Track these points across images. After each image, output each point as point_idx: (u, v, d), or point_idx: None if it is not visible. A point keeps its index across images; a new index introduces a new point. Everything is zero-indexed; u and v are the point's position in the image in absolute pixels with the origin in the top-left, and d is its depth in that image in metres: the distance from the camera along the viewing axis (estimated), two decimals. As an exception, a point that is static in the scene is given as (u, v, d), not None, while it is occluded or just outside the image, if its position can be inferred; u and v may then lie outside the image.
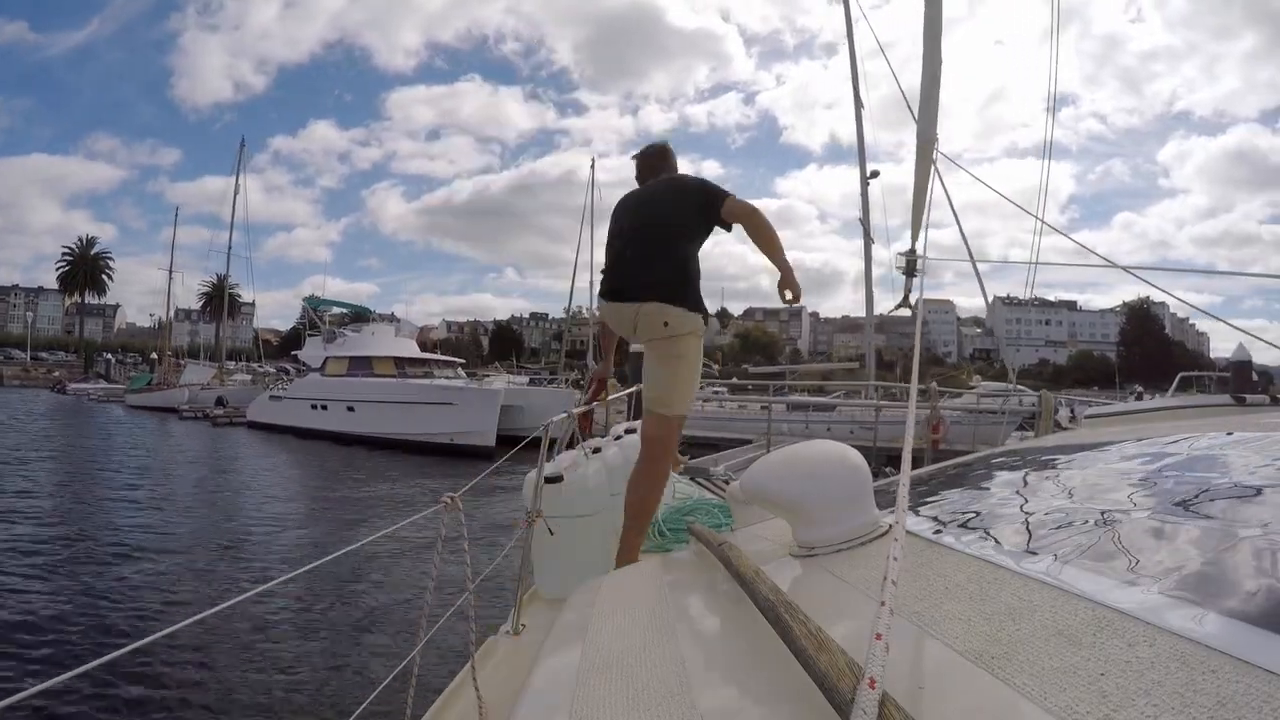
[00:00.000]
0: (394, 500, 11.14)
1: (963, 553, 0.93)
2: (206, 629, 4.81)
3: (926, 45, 2.69)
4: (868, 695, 0.52)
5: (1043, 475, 1.40)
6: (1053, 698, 0.54)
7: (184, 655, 4.57)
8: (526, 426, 17.44)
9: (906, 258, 3.19)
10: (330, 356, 22.46)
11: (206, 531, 8.48)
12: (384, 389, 19.92)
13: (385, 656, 4.76)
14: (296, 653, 4.81)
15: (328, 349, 23.04)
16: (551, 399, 18.64)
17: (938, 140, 2.90)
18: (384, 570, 6.84)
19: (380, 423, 19.10)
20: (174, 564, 6.94)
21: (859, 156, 15.05)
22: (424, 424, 18.08)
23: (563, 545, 2.22)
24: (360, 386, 20.49)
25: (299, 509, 10.64)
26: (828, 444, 1.24)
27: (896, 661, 0.59)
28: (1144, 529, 0.86)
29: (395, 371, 21.29)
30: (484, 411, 17.55)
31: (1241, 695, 0.48)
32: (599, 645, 1.00)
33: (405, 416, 18.56)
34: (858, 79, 14.97)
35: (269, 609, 5.38)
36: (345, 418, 20.19)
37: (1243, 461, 1.06)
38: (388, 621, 5.50)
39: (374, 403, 19.66)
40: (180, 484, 12.59)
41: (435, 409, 18.24)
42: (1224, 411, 1.81)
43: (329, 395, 21.12)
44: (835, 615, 0.83)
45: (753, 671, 0.80)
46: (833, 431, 12.86)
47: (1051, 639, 0.63)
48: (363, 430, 19.35)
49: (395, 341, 24.54)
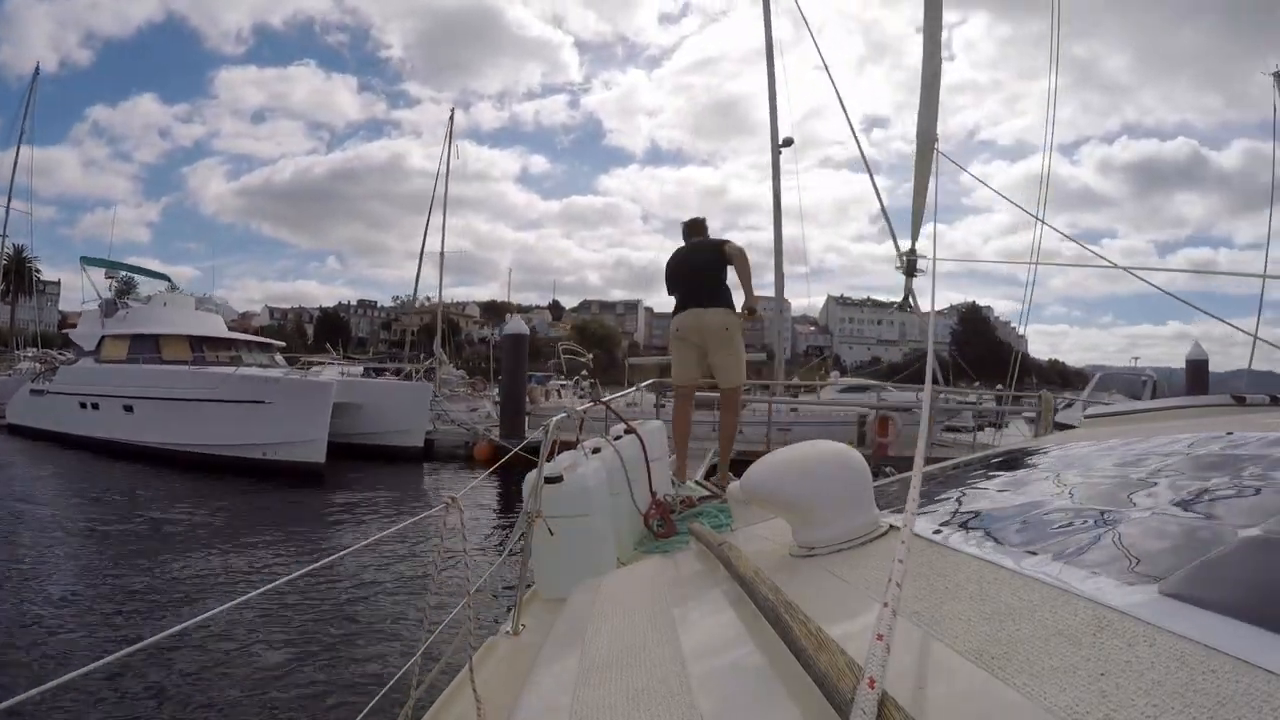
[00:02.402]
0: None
1: (963, 553, 0.93)
2: (207, 631, 4.81)
3: (926, 45, 2.69)
4: (867, 695, 0.52)
5: (1043, 475, 1.40)
6: (1053, 698, 0.54)
7: (185, 658, 4.57)
8: (369, 432, 14.47)
9: (906, 257, 3.18)
10: (108, 335, 16.19)
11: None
12: (170, 380, 14.03)
13: (386, 658, 4.77)
14: (297, 655, 4.80)
15: (106, 325, 16.56)
16: (402, 397, 14.98)
17: (938, 140, 2.91)
18: (384, 572, 6.83)
19: (166, 428, 13.69)
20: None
21: (771, 125, 14.53)
22: (225, 431, 12.94)
23: (563, 545, 2.23)
24: (139, 376, 14.50)
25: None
26: (828, 444, 1.24)
27: (896, 661, 0.59)
28: (1144, 529, 0.86)
29: (189, 356, 15.09)
30: (309, 413, 12.32)
31: (1241, 695, 0.48)
32: (599, 645, 1.00)
33: (200, 420, 13.22)
34: (772, 54, 14.60)
35: (269, 611, 5.38)
36: (121, 420, 14.53)
37: (1242, 461, 1.06)
38: (388, 623, 5.51)
39: (157, 399, 13.93)
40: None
41: (241, 410, 12.86)
42: (1224, 411, 1.81)
43: (101, 389, 15.21)
44: (835, 615, 0.83)
45: (753, 671, 0.80)
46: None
47: (1051, 639, 0.63)
48: (144, 438, 13.94)
49: (195, 317, 17.98)
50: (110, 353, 15.90)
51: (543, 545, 2.16)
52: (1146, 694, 0.51)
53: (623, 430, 3.25)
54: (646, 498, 2.95)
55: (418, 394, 15.25)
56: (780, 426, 11.96)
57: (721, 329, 3.97)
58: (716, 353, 4.01)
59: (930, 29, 2.64)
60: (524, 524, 2.07)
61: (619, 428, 3.31)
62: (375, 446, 14.40)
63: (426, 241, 25.48)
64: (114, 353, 15.80)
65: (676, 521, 2.81)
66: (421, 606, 5.64)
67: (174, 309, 17.89)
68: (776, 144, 14.46)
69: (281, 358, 17.68)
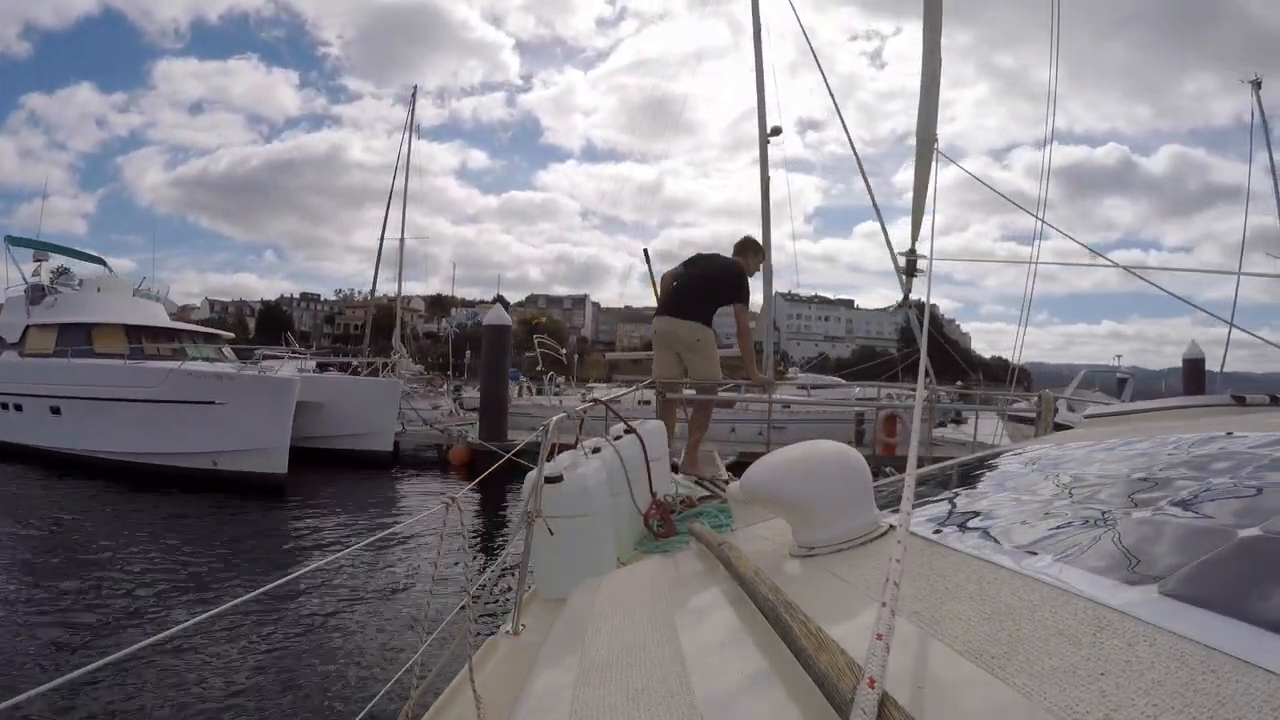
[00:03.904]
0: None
1: (963, 553, 0.93)
2: (208, 632, 4.81)
3: (926, 45, 2.69)
4: (867, 695, 0.52)
5: (1043, 475, 1.40)
6: (1053, 698, 0.54)
7: (185, 659, 4.57)
8: (331, 435, 13.06)
9: (907, 257, 3.18)
10: (33, 325, 14.26)
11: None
12: (103, 376, 12.22)
13: (385, 657, 4.77)
14: (297, 655, 4.81)
15: (32, 313, 14.63)
16: (369, 395, 13.55)
17: (937, 140, 2.91)
18: (383, 572, 6.84)
19: (98, 433, 11.92)
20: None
21: (759, 115, 14.38)
22: (167, 436, 11.22)
23: (563, 545, 2.22)
24: (68, 372, 12.67)
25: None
26: (828, 444, 1.24)
27: (896, 661, 0.59)
28: (1144, 529, 0.86)
29: (125, 348, 13.12)
30: (269, 415, 10.70)
31: (1241, 695, 0.48)
32: (599, 645, 1.00)
33: (138, 423, 11.45)
34: (760, 45, 14.56)
35: (270, 612, 5.38)
36: (47, 424, 12.76)
37: (1242, 461, 1.06)
38: (388, 623, 5.51)
39: (90, 400, 12.14)
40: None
41: (187, 411, 11.08)
42: (1224, 411, 1.81)
43: (25, 387, 13.28)
44: (835, 615, 0.83)
45: (753, 671, 0.80)
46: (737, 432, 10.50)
47: (1051, 639, 0.63)
48: (73, 445, 12.27)
49: (132, 304, 15.78)
50: (36, 345, 13.90)
51: (543, 545, 2.16)
52: (1146, 694, 0.51)
53: (623, 430, 3.25)
54: (646, 498, 2.95)
55: (387, 391, 13.72)
56: (775, 425, 11.76)
57: (693, 339, 4.52)
58: (688, 357, 4.58)
59: (930, 31, 2.65)
60: (524, 524, 2.07)
61: (619, 427, 3.31)
62: (338, 451, 12.94)
63: (386, 230, 24.10)
64: (40, 345, 13.80)
65: (676, 521, 2.81)
66: (421, 606, 5.65)
67: (109, 295, 15.63)
68: (765, 134, 14.26)
69: (230, 351, 15.62)
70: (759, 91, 14.47)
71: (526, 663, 1.36)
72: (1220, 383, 13.12)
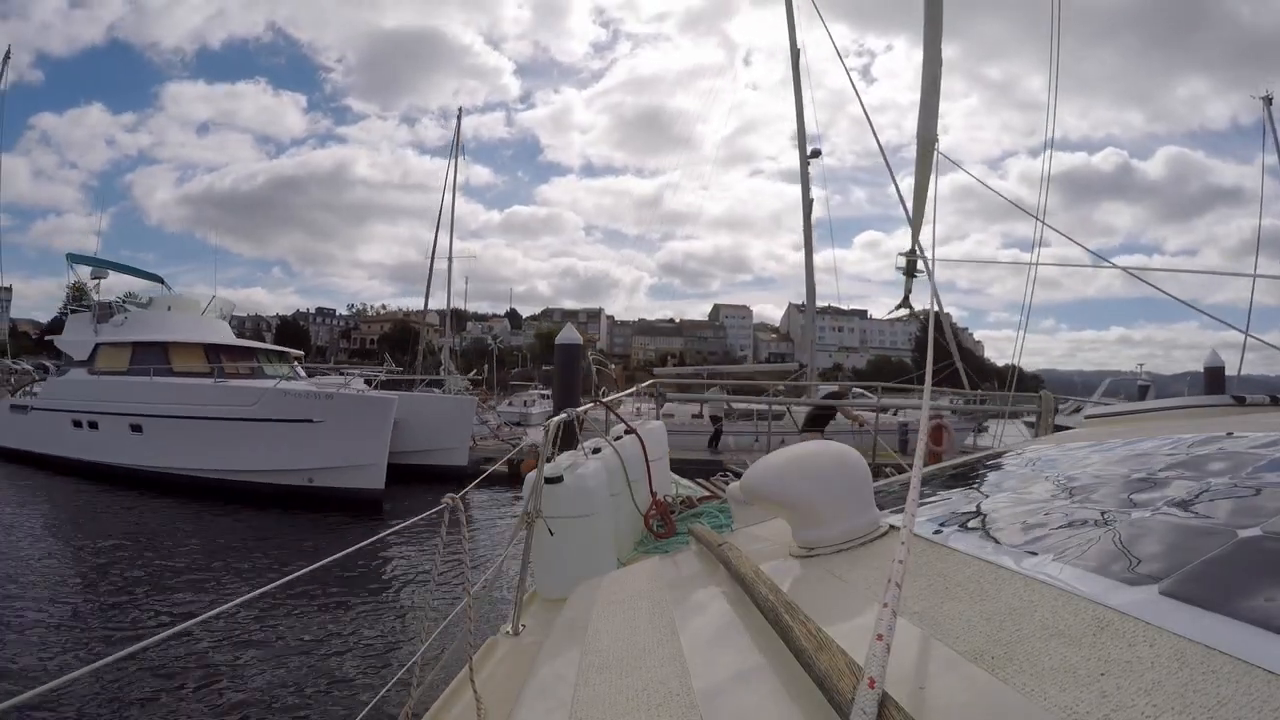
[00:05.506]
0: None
1: (963, 553, 0.93)
2: (209, 633, 4.81)
3: (927, 47, 2.69)
4: (867, 695, 0.52)
5: (1043, 475, 1.40)
6: (1053, 698, 0.54)
7: (185, 659, 4.57)
8: (412, 450, 13.04)
9: (907, 258, 3.18)
10: (104, 343, 14.10)
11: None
12: (191, 395, 12.24)
13: (386, 657, 4.77)
14: (298, 655, 4.81)
15: (100, 331, 14.50)
16: (447, 411, 13.92)
17: (938, 140, 2.91)
18: (384, 572, 6.84)
19: (185, 451, 11.78)
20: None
21: (799, 137, 15.21)
22: (262, 454, 11.26)
23: (563, 545, 2.23)
24: (151, 391, 12.56)
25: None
26: (828, 444, 1.24)
27: (897, 661, 0.59)
28: (1144, 529, 0.86)
29: (206, 367, 13.30)
30: (368, 433, 10.95)
31: (1241, 695, 0.48)
32: (599, 645, 1.00)
33: (228, 441, 11.48)
34: (799, 68, 15.15)
35: (270, 612, 5.38)
36: (128, 443, 12.52)
37: (1242, 462, 1.06)
38: (389, 623, 5.51)
39: (176, 419, 12.02)
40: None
41: (284, 430, 11.20)
42: (1224, 411, 1.81)
43: (101, 405, 13.06)
44: (835, 615, 0.83)
45: (753, 671, 0.79)
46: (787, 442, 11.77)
47: (1051, 639, 0.63)
48: (158, 463, 12.08)
49: (205, 323, 15.71)
50: (108, 362, 13.82)
51: (543, 545, 2.16)
52: (1146, 694, 0.51)
53: (623, 431, 3.25)
54: (646, 498, 2.95)
55: (462, 408, 14.31)
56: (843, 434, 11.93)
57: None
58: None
59: (930, 35, 2.65)
60: (524, 524, 2.07)
61: (619, 428, 3.31)
62: (420, 466, 12.82)
63: (437, 247, 25.59)
64: (113, 363, 13.71)
65: (676, 521, 2.81)
66: (422, 606, 5.64)
67: (180, 314, 15.69)
68: (805, 156, 15.09)
69: (301, 368, 16.19)
70: (799, 117, 15.23)
71: (526, 662, 1.35)
72: (1238, 387, 13.12)
